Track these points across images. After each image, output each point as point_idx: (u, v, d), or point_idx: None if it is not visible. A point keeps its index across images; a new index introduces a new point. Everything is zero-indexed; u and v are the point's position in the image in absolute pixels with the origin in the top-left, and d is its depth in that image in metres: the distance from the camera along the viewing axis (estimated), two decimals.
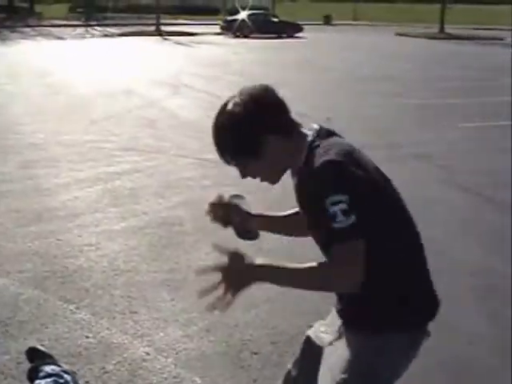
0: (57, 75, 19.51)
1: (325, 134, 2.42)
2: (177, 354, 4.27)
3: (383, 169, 2.44)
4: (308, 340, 2.77)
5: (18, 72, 20.20)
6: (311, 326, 2.83)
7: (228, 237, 5.81)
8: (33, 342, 4.23)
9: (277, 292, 5.13)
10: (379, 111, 13.92)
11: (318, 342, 2.70)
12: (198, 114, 13.09)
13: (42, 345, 4.16)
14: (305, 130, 2.45)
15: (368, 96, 16.15)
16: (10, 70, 20.87)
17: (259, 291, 5.14)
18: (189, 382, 3.96)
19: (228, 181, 8.07)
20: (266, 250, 5.35)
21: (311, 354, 2.69)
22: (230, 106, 2.42)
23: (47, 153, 9.77)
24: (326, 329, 2.71)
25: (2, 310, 4.85)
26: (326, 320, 2.76)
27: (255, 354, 4.30)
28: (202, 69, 21.80)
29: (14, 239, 6.30)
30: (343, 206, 2.16)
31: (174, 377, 4.01)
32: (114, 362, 4.16)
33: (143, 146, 10.27)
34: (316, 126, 2.45)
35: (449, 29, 50.00)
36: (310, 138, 2.39)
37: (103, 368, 4.09)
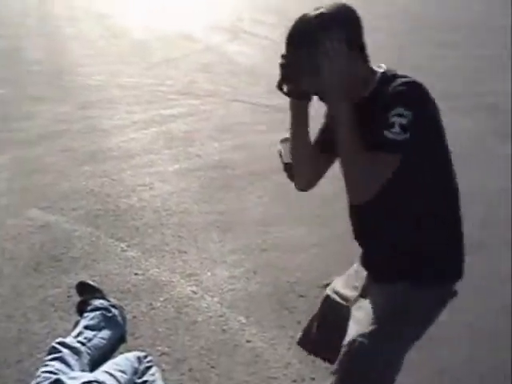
0: (116, 18, 19.52)
1: (393, 72, 2.37)
2: (223, 293, 4.32)
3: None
4: (328, 298, 2.79)
5: (78, 15, 20.32)
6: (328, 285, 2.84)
7: (277, 181, 5.83)
8: (84, 277, 4.32)
9: (325, 237, 5.15)
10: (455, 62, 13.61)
11: (338, 299, 2.71)
12: (256, 59, 12.98)
13: (93, 280, 4.24)
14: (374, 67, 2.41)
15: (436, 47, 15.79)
16: (69, 12, 20.99)
17: (309, 236, 5.17)
18: (233, 321, 4.00)
19: (282, 126, 8.05)
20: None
21: (332, 312, 2.71)
22: (320, 10, 2.31)
23: (105, 94, 9.84)
24: (345, 286, 2.72)
25: (55, 246, 4.96)
26: (344, 278, 2.78)
27: (301, 296, 4.32)
28: (261, 15, 21.55)
29: (68, 178, 6.41)
30: (404, 120, 2.15)
31: (220, 316, 4.06)
32: (161, 299, 4.23)
33: (199, 90, 10.26)
34: (384, 66, 2.41)
35: None
36: (381, 70, 2.38)
37: (150, 304, 4.16)
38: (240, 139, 7.72)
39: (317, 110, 2.60)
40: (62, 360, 3.25)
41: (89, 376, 3.14)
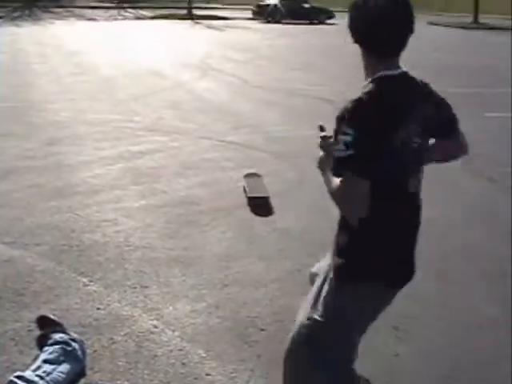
0: (86, 55, 19.66)
1: (397, 77, 2.64)
2: (184, 328, 4.35)
3: None
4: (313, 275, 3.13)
5: (49, 52, 20.44)
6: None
7: (241, 216, 5.94)
8: (45, 311, 4.33)
9: (286, 272, 5.22)
10: None
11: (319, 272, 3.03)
12: (225, 96, 13.16)
13: (54, 314, 4.25)
14: (392, 66, 2.67)
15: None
16: (40, 49, 21.10)
17: (269, 271, 5.24)
18: (193, 355, 4.04)
19: (248, 162, 8.18)
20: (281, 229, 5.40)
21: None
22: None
23: (72, 131, 9.90)
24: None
25: (17, 280, 4.97)
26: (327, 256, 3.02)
27: (261, 330, 4.37)
28: (231, 53, 21.83)
29: (34, 213, 6.42)
30: (348, 138, 2.41)
31: (180, 349, 4.09)
32: (122, 333, 4.25)
33: (167, 126, 10.35)
34: (401, 70, 2.69)
35: (483, 19, 49.40)
36: (380, 74, 2.61)
37: (111, 339, 4.19)
38: (206, 175, 7.80)
39: None
40: None
41: None
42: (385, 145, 2.48)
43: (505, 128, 11.11)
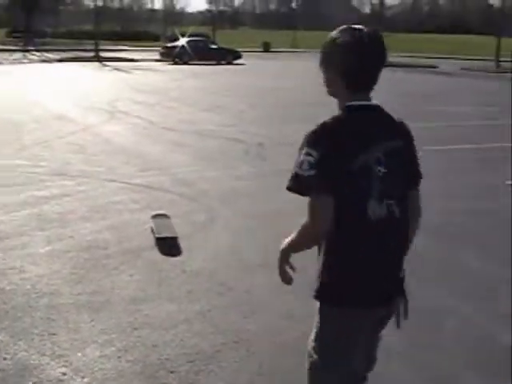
0: None
1: (366, 108, 2.85)
2: (93, 373, 4.31)
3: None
4: None
5: None
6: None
7: (149, 258, 5.96)
8: None
9: (195, 312, 5.24)
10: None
11: None
12: (132, 139, 13.16)
13: None
14: (364, 98, 2.86)
15: (302, 121, 16.35)
16: None
17: (179, 312, 5.25)
18: None
19: (156, 204, 8.20)
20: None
21: None
22: (346, 29, 2.84)
23: None
24: None
25: None
26: None
27: (172, 372, 4.37)
28: (139, 95, 21.86)
29: None
30: (311, 159, 2.65)
31: None
32: (30, 382, 4.18)
33: (74, 170, 10.27)
34: (373, 102, 2.88)
35: None
36: (350, 103, 2.82)
37: None
38: (113, 218, 7.77)
39: None
40: None
41: None
42: (343, 168, 2.68)
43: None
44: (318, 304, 2.96)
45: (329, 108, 2.66)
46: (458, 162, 11.68)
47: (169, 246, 6.74)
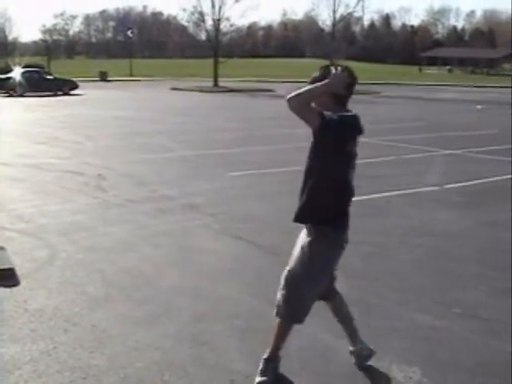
0: None
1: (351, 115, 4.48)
2: None
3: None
4: None
5: None
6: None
7: None
8: None
9: (40, 352, 5.12)
10: (151, 165, 14.16)
11: None
12: None
13: None
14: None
15: (140, 151, 16.35)
16: None
17: (22, 353, 5.11)
18: None
19: None
20: None
21: None
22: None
23: None
24: None
25: None
26: None
27: None
28: None
29: None
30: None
31: None
32: None
33: None
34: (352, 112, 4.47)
35: (222, 82, 51.76)
36: (339, 113, 4.33)
37: None
38: None
39: None
40: None
41: None
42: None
43: (249, 185, 11.74)
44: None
45: (167, 136, 2.76)
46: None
47: (5, 276, 6.58)
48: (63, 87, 42.78)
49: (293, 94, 4.21)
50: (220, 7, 55.31)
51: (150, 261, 7.50)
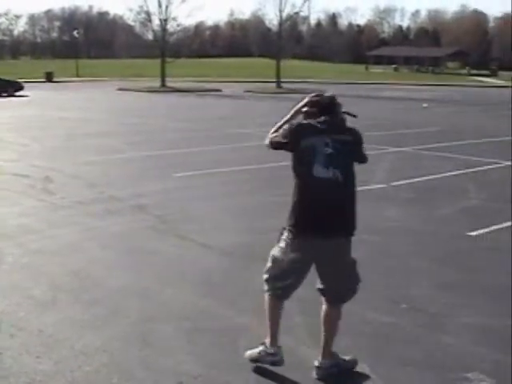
0: None
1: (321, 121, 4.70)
2: None
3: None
4: None
5: None
6: None
7: None
8: None
9: None
10: (98, 167, 14.03)
11: None
12: None
13: None
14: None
15: (88, 153, 16.18)
16: None
17: None
18: None
19: None
20: None
21: None
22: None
23: None
24: None
25: None
26: None
27: None
28: None
29: None
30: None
31: None
32: None
33: None
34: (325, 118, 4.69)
35: (170, 82, 51.55)
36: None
37: None
38: None
39: None
40: None
41: None
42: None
43: (195, 186, 11.74)
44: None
45: (115, 137, 2.74)
46: (242, 183, 12.05)
47: None
48: (8, 89, 41.97)
49: (267, 141, 4.84)
50: (167, 7, 55.04)
51: (97, 262, 7.45)
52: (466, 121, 27.57)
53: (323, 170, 4.53)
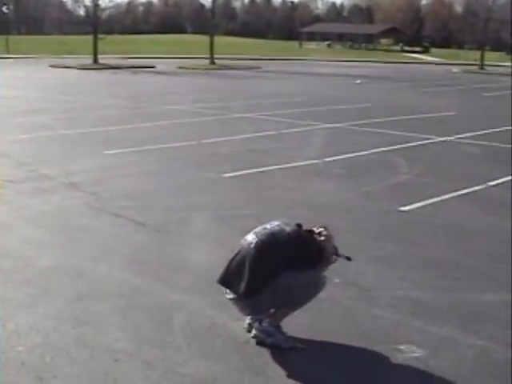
0: None
1: None
2: None
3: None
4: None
5: None
6: None
7: None
8: None
9: None
10: (29, 145, 13.78)
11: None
12: None
13: None
14: None
15: (17, 131, 15.85)
16: None
17: None
18: None
19: None
20: None
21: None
22: None
23: None
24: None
25: None
26: None
27: None
28: None
29: None
30: None
31: None
32: None
33: None
34: None
35: (102, 59, 50.80)
36: None
37: None
38: None
39: None
40: None
41: None
42: None
43: (129, 163, 11.64)
44: None
45: (47, 115, 2.71)
46: (177, 160, 12.00)
47: None
48: None
49: None
50: None
51: (29, 241, 7.35)
52: (399, 97, 27.98)
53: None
